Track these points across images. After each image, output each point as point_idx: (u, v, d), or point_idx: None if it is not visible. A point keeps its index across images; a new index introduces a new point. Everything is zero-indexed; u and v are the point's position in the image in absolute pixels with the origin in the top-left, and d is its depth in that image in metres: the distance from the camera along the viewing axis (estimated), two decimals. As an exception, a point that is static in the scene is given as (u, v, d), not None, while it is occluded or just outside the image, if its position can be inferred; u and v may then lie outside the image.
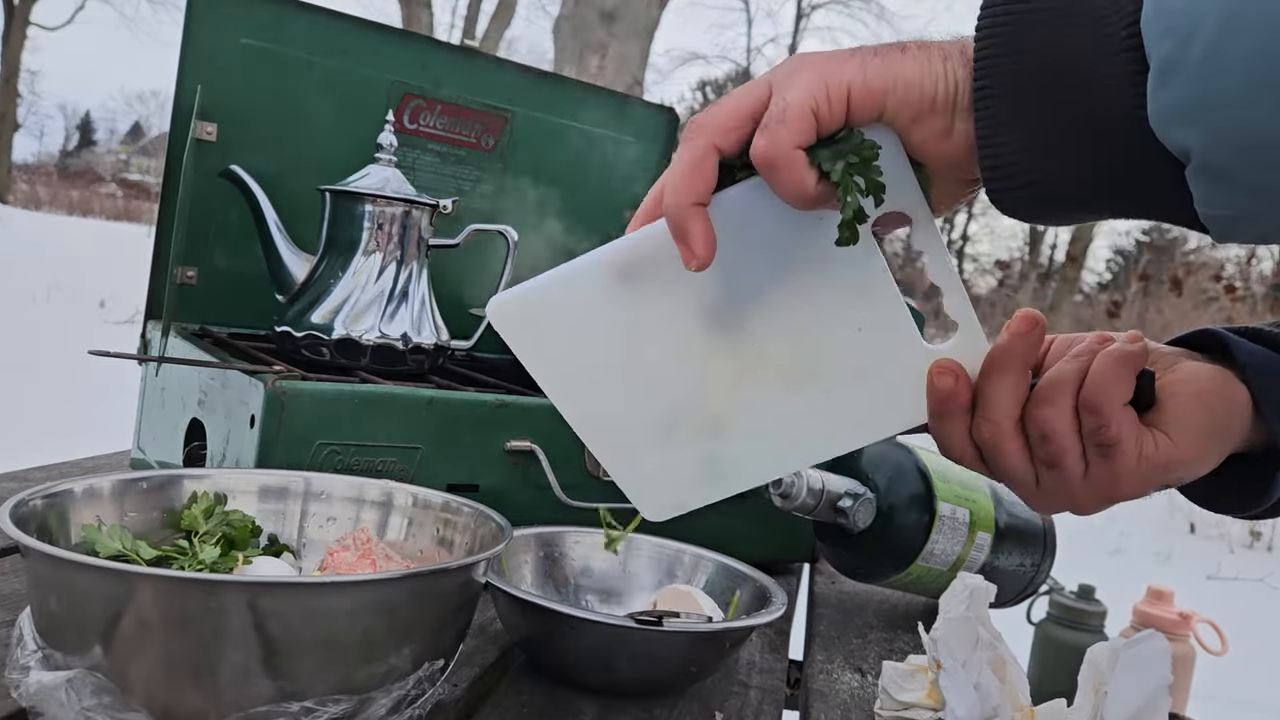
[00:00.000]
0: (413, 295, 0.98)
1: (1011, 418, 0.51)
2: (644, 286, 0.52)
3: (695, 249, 0.47)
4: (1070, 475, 0.51)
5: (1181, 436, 0.51)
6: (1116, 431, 0.50)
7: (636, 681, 0.73)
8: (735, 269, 0.51)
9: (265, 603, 0.50)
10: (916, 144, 0.48)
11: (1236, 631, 0.99)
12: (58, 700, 0.49)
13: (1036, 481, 0.52)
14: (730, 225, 0.49)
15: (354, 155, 1.07)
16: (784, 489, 0.93)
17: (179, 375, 0.97)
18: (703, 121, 0.48)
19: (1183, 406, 0.52)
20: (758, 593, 0.81)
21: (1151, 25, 0.41)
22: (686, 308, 0.52)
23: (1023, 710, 0.69)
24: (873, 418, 0.54)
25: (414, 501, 0.74)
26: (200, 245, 1.07)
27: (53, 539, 0.59)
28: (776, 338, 0.52)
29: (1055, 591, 0.93)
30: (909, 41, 0.48)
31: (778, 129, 0.46)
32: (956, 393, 0.51)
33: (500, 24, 12.63)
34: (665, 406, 0.55)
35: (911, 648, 0.96)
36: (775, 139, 0.46)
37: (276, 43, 1.09)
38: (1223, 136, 0.40)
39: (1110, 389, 0.50)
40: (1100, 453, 0.50)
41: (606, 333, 0.53)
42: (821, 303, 0.52)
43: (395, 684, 0.55)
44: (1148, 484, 0.52)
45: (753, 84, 0.48)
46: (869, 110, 0.47)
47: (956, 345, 0.52)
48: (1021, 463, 0.52)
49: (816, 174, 0.46)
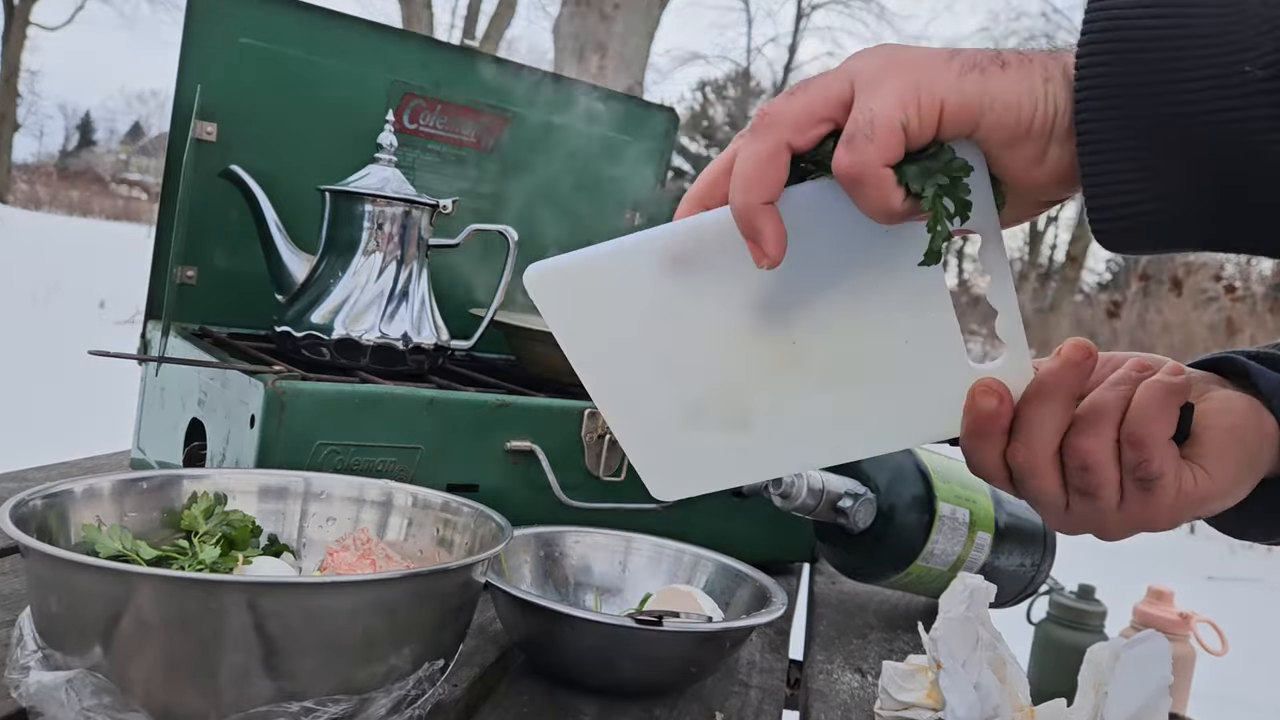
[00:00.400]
0: (413, 295, 0.98)
1: (1052, 446, 0.50)
2: (695, 274, 0.51)
3: (767, 249, 0.46)
4: (1106, 505, 0.50)
5: (1218, 470, 0.51)
6: (1160, 466, 0.49)
7: (636, 681, 0.73)
8: (792, 266, 0.49)
9: (265, 603, 0.50)
10: (1005, 166, 0.46)
11: (1236, 632, 0.99)
12: (58, 700, 0.50)
13: (1066, 506, 0.52)
14: (795, 222, 0.48)
15: (354, 155, 1.07)
16: (784, 489, 0.93)
17: (179, 375, 0.97)
18: (776, 115, 0.45)
19: (1219, 440, 0.51)
20: (758, 592, 0.81)
21: None
22: (734, 299, 0.51)
23: (1023, 710, 0.69)
24: (903, 427, 0.54)
25: (414, 501, 0.74)
26: (200, 245, 1.07)
27: (53, 539, 0.59)
28: (822, 339, 0.52)
29: (1055, 591, 0.93)
30: (1009, 52, 0.46)
31: (866, 145, 0.43)
32: (999, 415, 0.50)
33: (500, 24, 12.65)
34: (695, 392, 0.55)
35: (911, 648, 0.96)
36: (863, 156, 0.43)
37: (276, 43, 1.09)
38: None
39: (1155, 423, 0.49)
40: (1140, 486, 0.50)
41: (646, 314, 0.53)
42: (875, 311, 0.51)
43: (395, 684, 0.55)
44: (1181, 517, 0.51)
45: (831, 77, 0.46)
46: (962, 128, 0.45)
47: (1003, 366, 0.51)
48: (1055, 489, 0.51)
49: (904, 192, 0.45)
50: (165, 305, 0.97)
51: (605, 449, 0.96)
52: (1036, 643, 0.92)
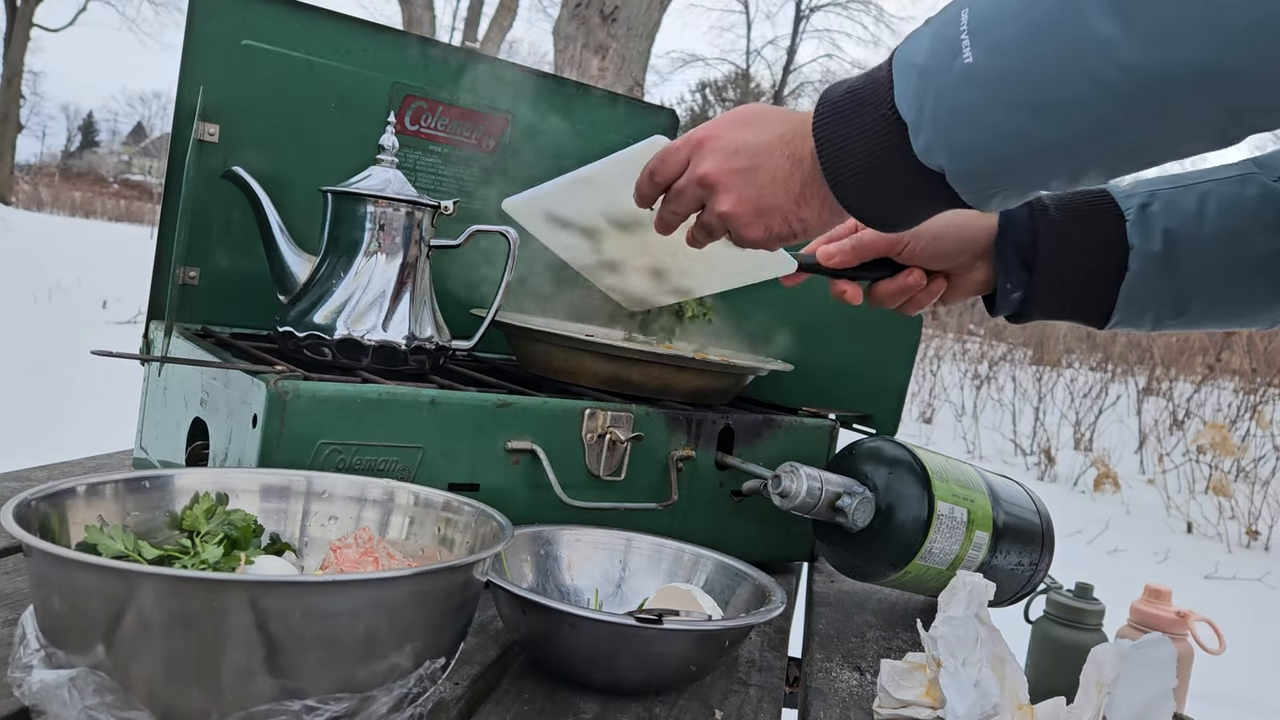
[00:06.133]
0: (414, 296, 0.98)
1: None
2: (601, 191, 0.91)
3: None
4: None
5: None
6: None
7: (636, 680, 0.73)
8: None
9: (267, 602, 0.50)
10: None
11: (1234, 631, 0.99)
12: (60, 699, 0.50)
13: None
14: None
15: (355, 156, 1.07)
16: (783, 489, 0.94)
17: (181, 375, 0.97)
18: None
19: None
20: (757, 591, 0.81)
21: (900, 103, 0.66)
22: (623, 207, 0.87)
23: (1022, 708, 0.70)
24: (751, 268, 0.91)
25: (415, 501, 0.74)
26: (202, 246, 1.08)
27: (55, 538, 0.59)
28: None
29: (1053, 590, 0.94)
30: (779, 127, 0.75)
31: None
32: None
33: (501, 26, 12.63)
34: (609, 255, 0.99)
35: (910, 646, 0.97)
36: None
37: (278, 44, 1.09)
38: (958, 157, 0.64)
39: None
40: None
41: (577, 214, 0.96)
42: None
43: (396, 682, 0.55)
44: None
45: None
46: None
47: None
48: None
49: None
50: (168, 305, 0.98)
51: (605, 449, 0.97)
52: (1034, 641, 0.92)
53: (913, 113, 0.65)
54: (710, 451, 1.04)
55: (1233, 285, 0.88)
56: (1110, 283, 0.89)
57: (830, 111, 0.70)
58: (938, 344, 9.67)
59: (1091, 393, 7.87)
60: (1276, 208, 0.86)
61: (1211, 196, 0.87)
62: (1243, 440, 6.70)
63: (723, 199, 0.76)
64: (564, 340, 1.02)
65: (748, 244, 0.78)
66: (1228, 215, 0.86)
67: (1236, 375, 8.08)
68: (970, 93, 0.62)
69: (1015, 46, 0.60)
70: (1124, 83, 0.57)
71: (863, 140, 0.68)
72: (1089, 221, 0.89)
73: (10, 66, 20.14)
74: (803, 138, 0.72)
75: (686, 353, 1.09)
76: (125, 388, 1.70)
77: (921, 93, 0.64)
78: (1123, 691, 0.65)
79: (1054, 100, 0.59)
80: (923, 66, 0.64)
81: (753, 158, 0.74)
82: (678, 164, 0.79)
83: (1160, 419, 7.40)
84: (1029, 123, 0.61)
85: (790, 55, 22.20)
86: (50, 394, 4.75)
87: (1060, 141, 0.61)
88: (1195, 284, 0.88)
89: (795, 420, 1.11)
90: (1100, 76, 0.57)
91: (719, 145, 0.76)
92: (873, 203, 0.70)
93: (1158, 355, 8.28)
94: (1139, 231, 0.87)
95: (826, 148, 0.70)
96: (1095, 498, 5.86)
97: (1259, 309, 0.89)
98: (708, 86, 23.03)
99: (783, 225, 0.75)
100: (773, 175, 0.74)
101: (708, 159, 0.76)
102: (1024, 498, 1.06)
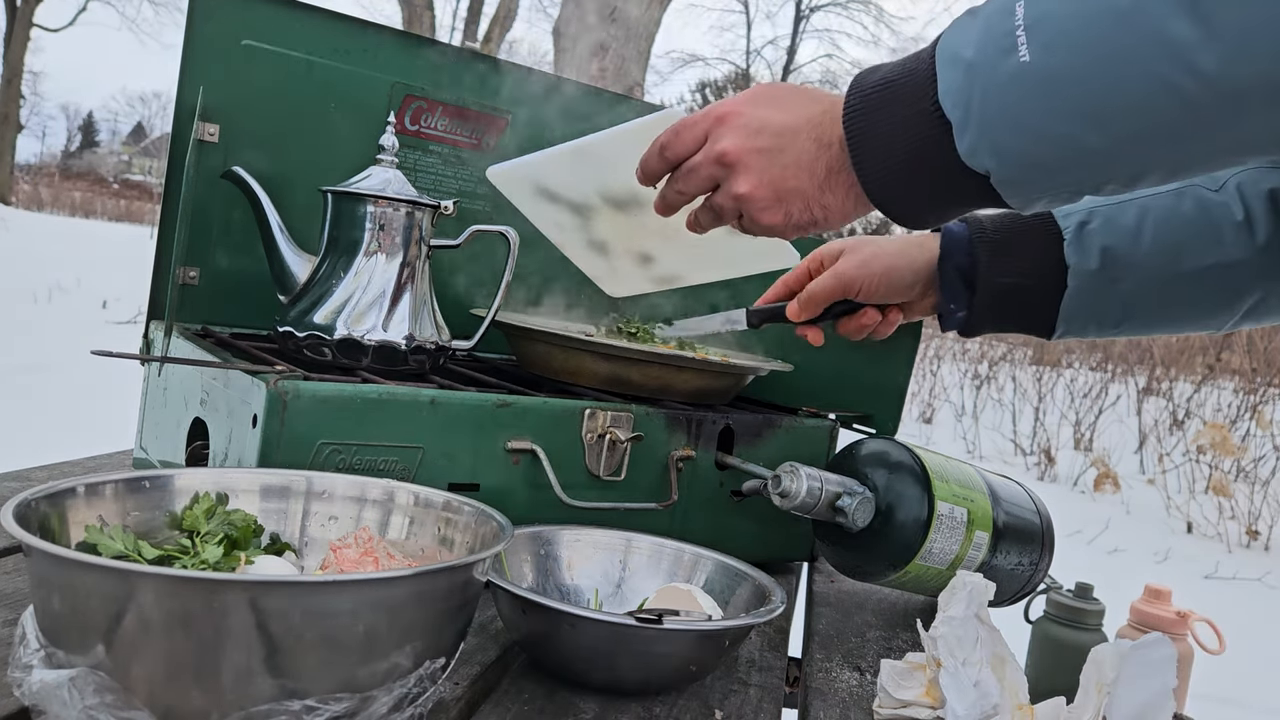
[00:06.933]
0: (414, 295, 0.98)
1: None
2: (600, 165, 0.88)
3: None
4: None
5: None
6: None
7: (636, 680, 0.73)
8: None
9: (267, 602, 0.50)
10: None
11: (1234, 631, 0.99)
12: (60, 699, 0.50)
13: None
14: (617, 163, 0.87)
15: (355, 156, 1.07)
16: (783, 489, 0.94)
17: (181, 375, 0.97)
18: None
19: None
20: (757, 591, 0.81)
21: (945, 100, 0.62)
22: (619, 185, 0.87)
23: (1022, 708, 0.70)
24: (745, 258, 0.94)
25: (415, 500, 0.74)
26: (202, 246, 1.08)
27: (55, 538, 0.59)
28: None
29: (1053, 590, 0.94)
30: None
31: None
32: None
33: (501, 26, 12.63)
34: (597, 236, 0.98)
35: (910, 646, 0.97)
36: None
37: (278, 44, 1.09)
38: (1007, 161, 0.61)
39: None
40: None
41: (570, 188, 0.94)
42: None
43: (396, 682, 0.55)
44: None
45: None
46: None
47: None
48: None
49: None
50: (168, 305, 0.98)
51: (605, 449, 0.97)
52: (1034, 641, 0.92)
53: (958, 111, 0.60)
54: (710, 451, 1.04)
55: (1173, 298, 0.89)
56: (1050, 299, 0.90)
57: (863, 100, 0.65)
58: (938, 344, 9.67)
59: (1091, 393, 7.88)
60: (1213, 219, 0.86)
61: (1150, 212, 0.87)
62: (1243, 440, 6.70)
63: (741, 179, 0.71)
64: (564, 340, 1.03)
65: (762, 230, 0.73)
66: (1164, 230, 0.87)
67: (1236, 375, 8.09)
68: (1023, 94, 0.58)
69: (1076, 45, 0.55)
70: (1197, 90, 0.53)
71: (899, 134, 0.64)
72: (1026, 241, 0.90)
73: (10, 66, 20.15)
74: (832, 122, 0.68)
75: (686, 353, 1.09)
76: (125, 388, 1.70)
77: (968, 90, 0.60)
78: (1123, 691, 0.65)
79: (1114, 105, 0.55)
80: (970, 61, 0.60)
81: (777, 138, 0.70)
82: (694, 139, 0.74)
83: (1160, 419, 7.40)
84: (1087, 128, 0.57)
85: (790, 55, 22.20)
86: (50, 394, 4.75)
87: (1118, 149, 0.57)
88: (1135, 298, 0.89)
89: (795, 420, 1.11)
90: (1171, 81, 0.53)
91: (741, 122, 0.71)
92: (903, 199, 0.66)
93: (1158, 355, 8.28)
94: (1076, 250, 0.88)
95: (858, 138, 0.65)
96: (1095, 498, 5.87)
97: (1203, 317, 0.91)
98: (708, 86, 23.02)
99: (803, 212, 0.71)
100: (797, 158, 0.69)
101: (728, 135, 0.71)
102: (1024, 498, 1.06)
